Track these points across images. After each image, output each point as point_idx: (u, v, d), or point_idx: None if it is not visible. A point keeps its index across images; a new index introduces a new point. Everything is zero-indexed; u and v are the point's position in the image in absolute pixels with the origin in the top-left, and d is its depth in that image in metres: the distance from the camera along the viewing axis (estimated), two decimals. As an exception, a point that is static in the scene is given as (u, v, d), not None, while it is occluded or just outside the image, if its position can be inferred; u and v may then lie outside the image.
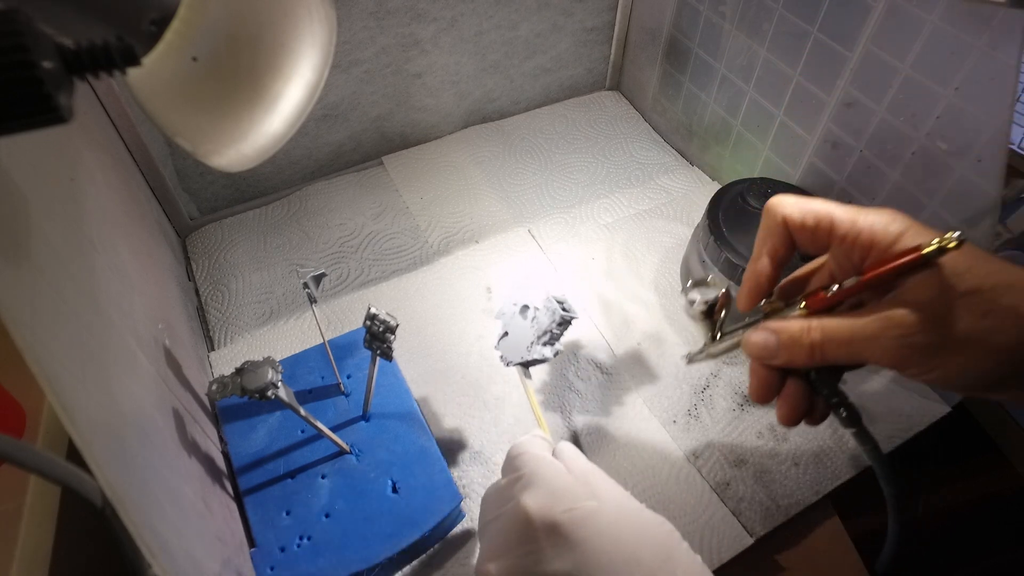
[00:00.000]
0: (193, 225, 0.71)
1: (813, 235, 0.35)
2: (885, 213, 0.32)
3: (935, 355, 0.29)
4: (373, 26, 0.68)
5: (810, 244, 0.35)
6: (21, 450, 0.22)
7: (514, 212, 0.73)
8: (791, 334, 0.33)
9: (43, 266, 0.27)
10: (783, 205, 0.35)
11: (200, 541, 0.34)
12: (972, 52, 0.45)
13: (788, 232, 0.35)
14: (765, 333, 0.34)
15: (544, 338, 0.46)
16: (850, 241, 0.33)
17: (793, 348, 0.33)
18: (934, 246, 0.29)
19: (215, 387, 0.41)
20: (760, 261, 0.36)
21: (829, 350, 0.32)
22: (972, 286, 0.29)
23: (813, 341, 0.32)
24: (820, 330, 0.32)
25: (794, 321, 0.33)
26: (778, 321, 0.34)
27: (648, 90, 0.85)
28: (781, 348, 0.33)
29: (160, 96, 0.28)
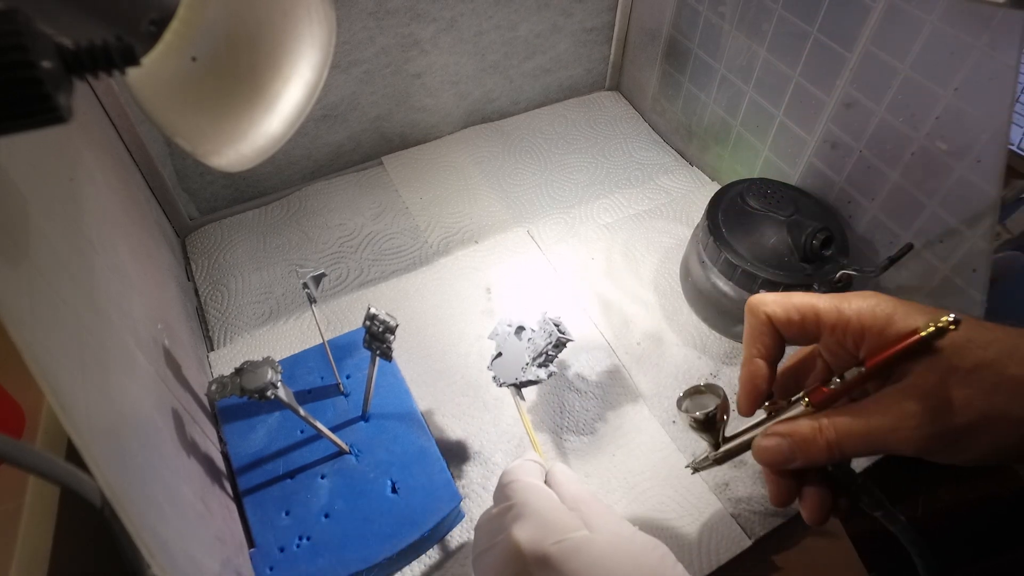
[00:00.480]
0: (192, 225, 0.71)
1: (800, 329, 0.34)
2: (867, 296, 0.33)
3: (959, 439, 0.29)
4: (373, 26, 0.68)
5: (798, 338, 0.35)
6: (20, 450, 0.22)
7: (514, 212, 0.73)
8: (804, 436, 0.32)
9: (42, 266, 0.27)
10: (765, 304, 0.35)
11: (199, 541, 0.34)
12: (972, 52, 0.45)
13: (775, 329, 0.35)
14: (776, 439, 0.33)
15: (539, 359, 0.46)
16: (840, 330, 0.33)
17: (809, 450, 0.32)
18: (932, 328, 0.29)
19: (214, 387, 0.41)
20: (753, 363, 0.36)
21: (847, 446, 0.31)
22: (975, 362, 0.29)
23: (829, 440, 0.32)
24: (833, 428, 0.32)
25: (803, 422, 0.33)
26: (786, 424, 0.33)
27: (648, 90, 0.85)
28: (796, 451, 0.33)
29: (159, 96, 0.28)
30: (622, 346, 0.60)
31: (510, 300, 0.64)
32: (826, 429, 0.32)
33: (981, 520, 0.77)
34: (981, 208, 0.48)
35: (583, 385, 0.57)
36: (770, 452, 0.34)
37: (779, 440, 0.33)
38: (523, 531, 0.33)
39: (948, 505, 0.76)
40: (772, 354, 0.36)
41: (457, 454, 0.52)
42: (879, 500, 0.34)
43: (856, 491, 0.34)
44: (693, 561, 0.47)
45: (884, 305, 0.32)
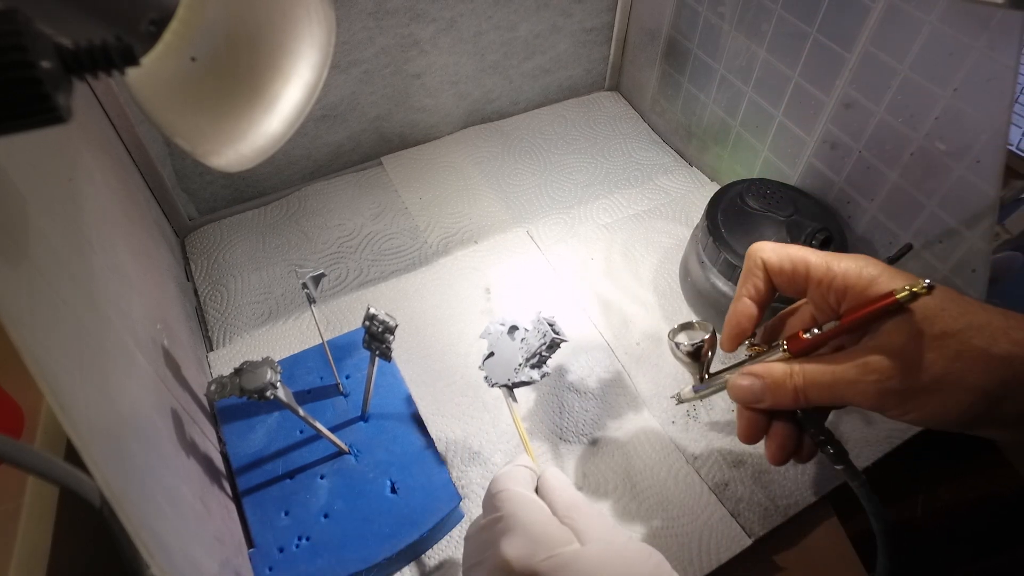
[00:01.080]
0: (192, 225, 0.71)
1: (791, 279, 0.36)
2: (858, 259, 0.34)
3: (912, 398, 0.30)
4: (372, 26, 0.68)
5: (788, 287, 0.37)
6: (19, 450, 0.22)
7: (513, 212, 0.73)
8: (775, 379, 0.35)
9: (41, 266, 0.27)
10: (762, 250, 0.37)
11: (198, 541, 0.34)
12: (971, 53, 0.45)
13: (767, 275, 0.37)
14: (750, 378, 0.36)
15: (532, 360, 0.46)
16: (825, 285, 0.34)
17: (778, 392, 0.34)
18: (906, 292, 0.30)
19: (214, 387, 0.41)
20: (741, 302, 0.38)
21: (812, 394, 0.33)
22: (943, 329, 0.30)
23: (796, 385, 0.34)
24: (802, 375, 0.34)
25: (777, 366, 0.35)
26: (761, 366, 0.36)
27: (647, 91, 0.85)
28: (766, 392, 0.35)
29: (159, 96, 0.28)
30: (621, 346, 0.60)
31: (509, 300, 0.64)
32: (796, 375, 0.34)
33: (981, 520, 0.77)
34: (980, 208, 0.48)
35: (582, 385, 0.57)
36: (742, 390, 0.36)
37: (752, 380, 0.36)
38: (512, 547, 0.33)
39: (948, 505, 0.76)
40: (761, 297, 0.38)
41: (456, 454, 0.52)
42: (841, 453, 0.36)
43: (822, 441, 0.36)
44: (693, 560, 0.47)
45: (871, 268, 0.33)
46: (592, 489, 0.51)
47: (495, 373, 0.47)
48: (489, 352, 0.48)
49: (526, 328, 0.48)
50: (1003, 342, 0.29)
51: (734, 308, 0.38)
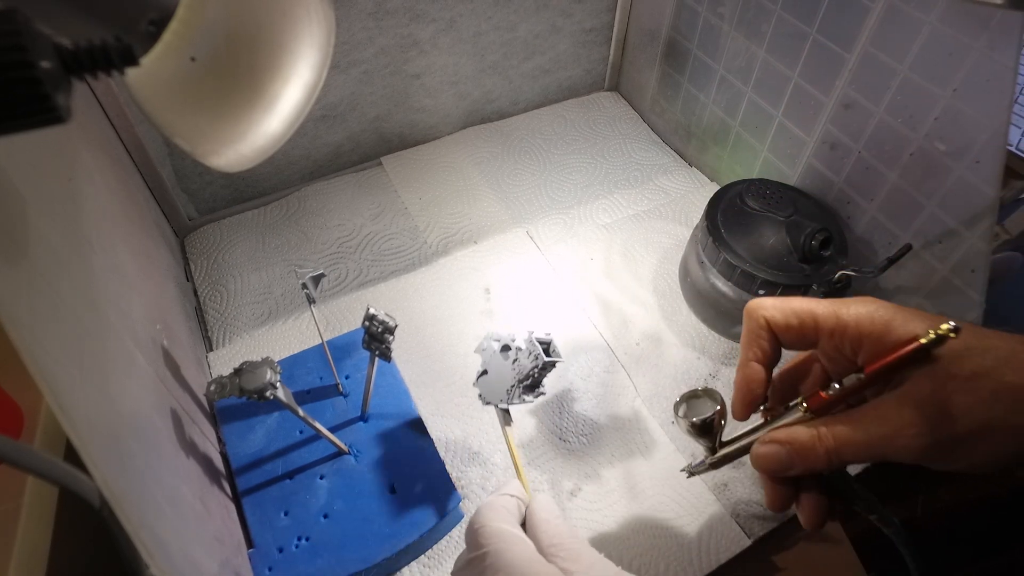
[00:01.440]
0: (191, 225, 0.71)
1: (799, 335, 0.34)
2: (866, 302, 0.32)
3: (958, 447, 0.29)
4: (372, 27, 0.68)
5: (796, 343, 0.35)
6: (19, 451, 0.22)
7: (513, 213, 0.73)
8: (802, 444, 0.32)
9: (41, 266, 0.27)
10: (763, 307, 0.35)
11: (198, 542, 0.34)
12: (970, 53, 0.45)
13: (772, 334, 0.35)
14: (775, 447, 0.33)
15: (526, 382, 0.44)
16: (839, 336, 0.33)
17: (808, 457, 0.32)
18: (932, 336, 0.29)
19: (213, 388, 0.41)
20: (749, 367, 0.36)
21: (846, 454, 0.31)
22: (973, 370, 0.28)
23: (828, 448, 0.31)
24: (832, 436, 0.31)
25: (801, 430, 0.32)
26: (784, 431, 0.33)
27: (647, 91, 0.85)
28: (794, 459, 0.33)
29: (158, 96, 0.28)
30: (621, 347, 0.60)
31: (509, 300, 0.64)
32: (825, 437, 0.31)
33: (981, 520, 0.77)
34: (980, 209, 0.48)
35: (582, 386, 0.57)
36: (768, 460, 0.33)
37: (777, 448, 0.33)
38: None
39: (948, 505, 0.76)
40: (768, 358, 0.36)
41: (456, 454, 0.52)
42: (873, 504, 0.34)
43: (851, 496, 0.34)
44: (692, 561, 0.47)
45: (882, 311, 0.32)
46: (591, 489, 0.51)
47: (489, 392, 0.45)
48: (483, 369, 0.46)
49: (519, 347, 0.45)
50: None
51: (742, 374, 0.36)
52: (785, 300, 0.35)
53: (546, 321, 0.62)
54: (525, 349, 0.45)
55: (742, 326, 0.37)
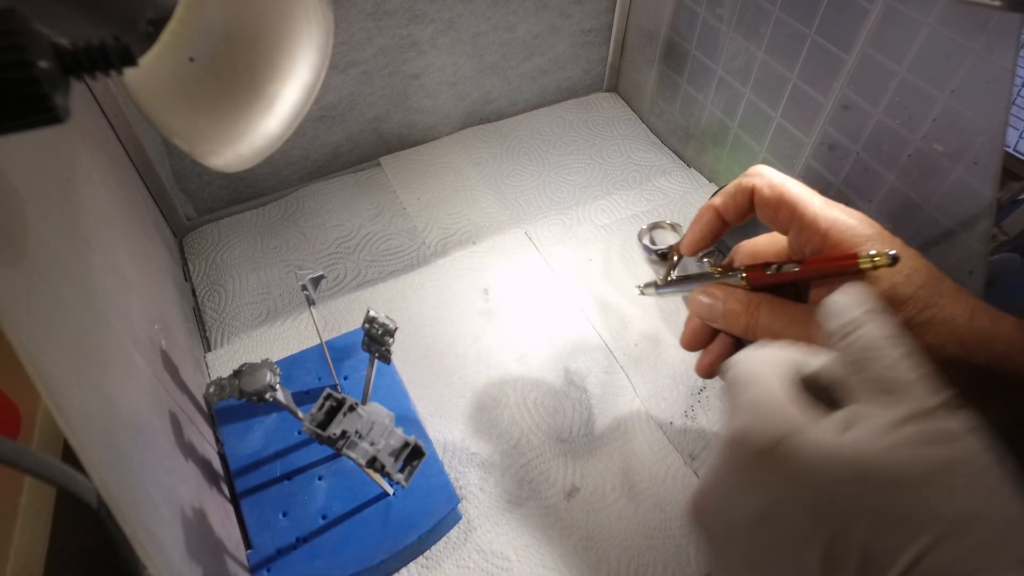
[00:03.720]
0: (190, 226, 0.71)
1: (773, 212, 0.35)
2: (854, 215, 0.33)
3: None
4: (371, 27, 0.68)
5: (768, 219, 0.36)
6: (16, 451, 0.22)
7: (511, 213, 0.73)
8: (733, 308, 0.35)
9: (39, 267, 0.27)
10: (760, 175, 0.36)
11: (196, 542, 0.34)
12: (968, 55, 0.45)
13: (751, 200, 0.36)
14: (711, 298, 0.37)
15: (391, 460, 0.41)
16: (808, 233, 0.33)
17: (730, 320, 0.36)
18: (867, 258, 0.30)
19: (213, 389, 0.41)
20: (709, 211, 0.38)
21: (761, 334, 0.34)
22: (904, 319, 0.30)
23: (748, 322, 0.34)
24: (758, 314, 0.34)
25: (738, 295, 0.36)
26: (725, 289, 0.37)
27: (646, 92, 0.85)
28: (721, 316, 0.36)
29: (157, 96, 0.28)
30: (619, 347, 0.60)
31: (508, 301, 0.64)
32: (752, 312, 0.34)
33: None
34: (977, 210, 0.48)
35: (581, 386, 0.57)
36: (701, 306, 0.38)
37: (713, 301, 0.37)
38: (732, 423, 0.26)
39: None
40: (731, 213, 0.38)
41: (455, 455, 0.52)
42: None
43: None
44: (691, 561, 0.47)
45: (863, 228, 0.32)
46: (590, 490, 0.51)
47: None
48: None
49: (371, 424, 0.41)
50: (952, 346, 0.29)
51: (700, 215, 0.38)
52: (784, 178, 0.36)
53: (545, 321, 0.62)
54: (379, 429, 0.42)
55: None
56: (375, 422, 0.41)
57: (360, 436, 0.41)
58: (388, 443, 0.41)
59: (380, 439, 0.41)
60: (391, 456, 0.41)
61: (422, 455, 0.42)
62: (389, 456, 0.41)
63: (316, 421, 0.40)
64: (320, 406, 0.41)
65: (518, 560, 0.47)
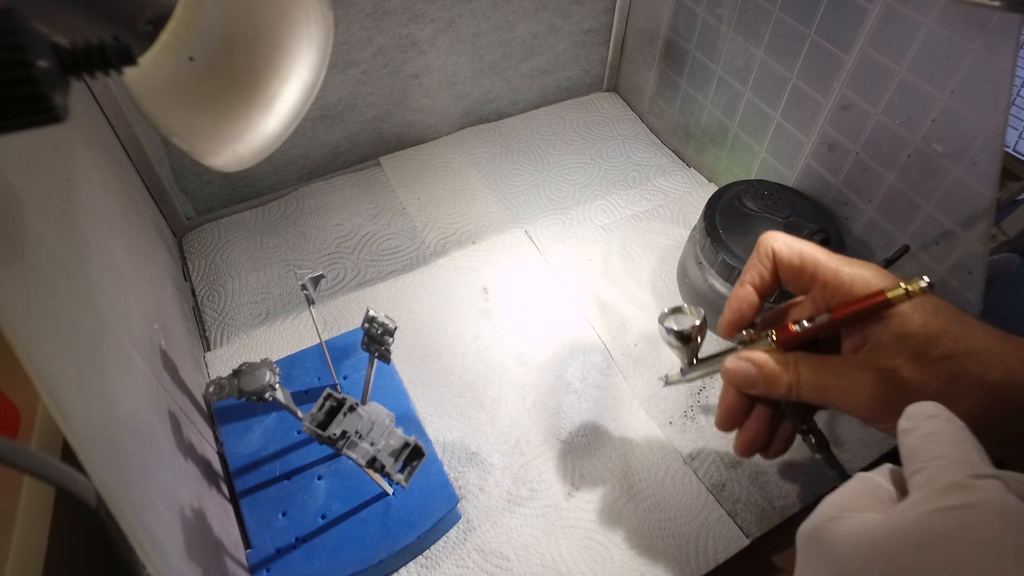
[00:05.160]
0: (189, 225, 0.70)
1: (797, 275, 0.36)
2: (869, 267, 0.34)
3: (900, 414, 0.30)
4: (371, 27, 0.68)
5: (793, 283, 0.37)
6: (15, 451, 0.22)
7: (511, 213, 0.73)
8: (771, 369, 0.35)
9: (38, 266, 0.27)
10: (775, 239, 0.37)
11: (195, 542, 0.34)
12: (968, 55, 0.45)
13: (775, 266, 0.37)
14: (747, 364, 0.36)
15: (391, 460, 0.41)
16: (831, 289, 0.34)
17: (772, 383, 0.35)
18: (901, 291, 0.31)
19: (212, 389, 0.41)
20: (744, 288, 0.38)
21: (805, 391, 0.34)
22: (943, 352, 0.30)
23: (791, 381, 0.34)
24: (798, 372, 0.34)
25: (775, 356, 0.35)
26: (760, 353, 0.36)
27: (645, 92, 0.85)
28: (761, 380, 0.35)
29: (156, 96, 0.28)
30: (619, 347, 0.60)
31: (507, 301, 0.64)
32: (793, 370, 0.34)
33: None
34: (977, 210, 0.48)
35: (580, 386, 0.57)
36: (737, 374, 0.36)
37: (748, 366, 0.36)
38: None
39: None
40: (765, 287, 0.38)
41: (454, 455, 0.52)
42: (823, 443, 0.36)
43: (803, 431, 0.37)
44: (690, 561, 0.47)
45: (879, 279, 0.33)
46: (589, 490, 0.51)
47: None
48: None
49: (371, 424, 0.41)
50: (997, 370, 0.29)
51: (736, 293, 0.38)
52: (797, 240, 0.37)
53: (544, 321, 0.62)
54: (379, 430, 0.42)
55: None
56: (375, 422, 0.41)
57: (360, 436, 0.41)
58: (388, 443, 0.41)
59: (380, 439, 0.41)
60: (391, 456, 0.41)
61: (422, 455, 0.42)
62: (389, 456, 0.41)
63: (316, 421, 0.40)
64: (320, 406, 0.41)
65: (517, 560, 0.47)
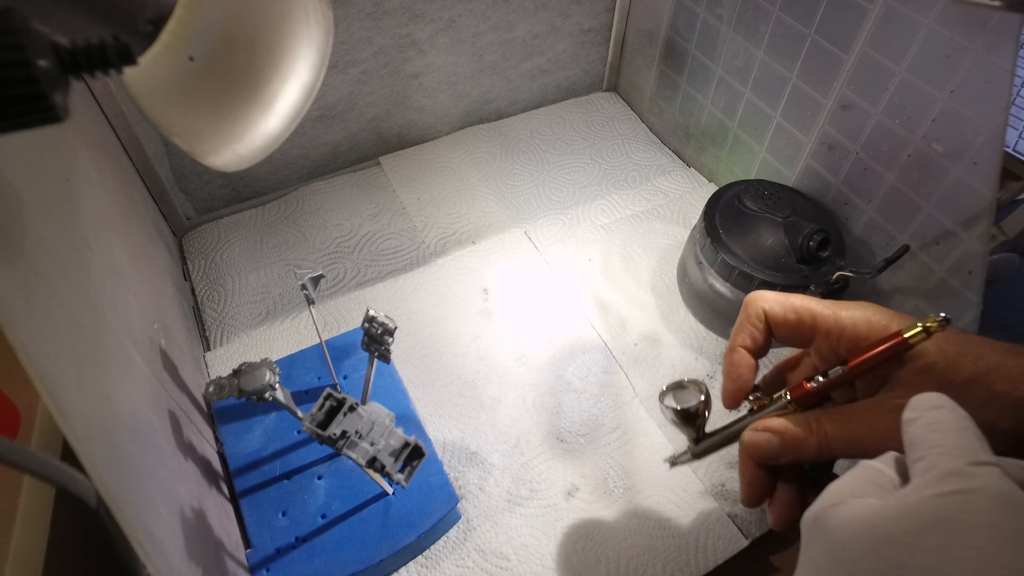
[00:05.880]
0: (189, 225, 0.70)
1: (795, 330, 0.35)
2: (865, 307, 0.33)
3: None
4: (371, 26, 0.68)
5: (791, 338, 0.36)
6: (15, 450, 0.22)
7: (511, 213, 0.73)
8: (795, 434, 0.33)
9: (38, 266, 0.27)
10: (763, 299, 0.36)
11: (195, 542, 0.34)
12: (968, 55, 0.45)
13: (767, 325, 0.36)
14: (767, 434, 0.34)
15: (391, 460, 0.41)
16: (835, 337, 0.33)
17: (798, 447, 0.32)
18: (919, 330, 0.29)
19: (212, 389, 0.41)
20: (739, 353, 0.36)
21: (836, 448, 0.32)
22: (967, 376, 0.29)
23: (820, 441, 0.32)
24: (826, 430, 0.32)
25: (795, 419, 0.33)
26: (777, 420, 0.34)
27: (645, 91, 0.85)
28: (785, 448, 0.33)
29: (156, 95, 0.28)
30: (619, 347, 0.60)
31: (507, 301, 0.64)
32: (818, 430, 0.32)
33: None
34: (977, 210, 0.48)
35: (580, 386, 0.57)
36: (760, 447, 0.34)
37: (770, 436, 0.33)
38: None
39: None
40: (758, 348, 0.36)
41: (454, 455, 0.52)
42: None
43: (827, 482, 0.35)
44: (690, 561, 0.47)
45: (879, 316, 0.32)
46: (589, 490, 0.51)
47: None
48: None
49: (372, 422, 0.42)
50: (1023, 384, 0.29)
51: (730, 360, 0.36)
52: (786, 296, 0.35)
53: (544, 321, 0.62)
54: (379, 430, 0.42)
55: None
56: (375, 422, 0.41)
57: (360, 436, 0.41)
58: (388, 443, 0.41)
59: (380, 439, 0.41)
60: (391, 456, 0.41)
61: (422, 455, 0.42)
62: (389, 456, 0.41)
63: (316, 421, 0.40)
64: (320, 406, 0.41)
65: (517, 560, 0.47)
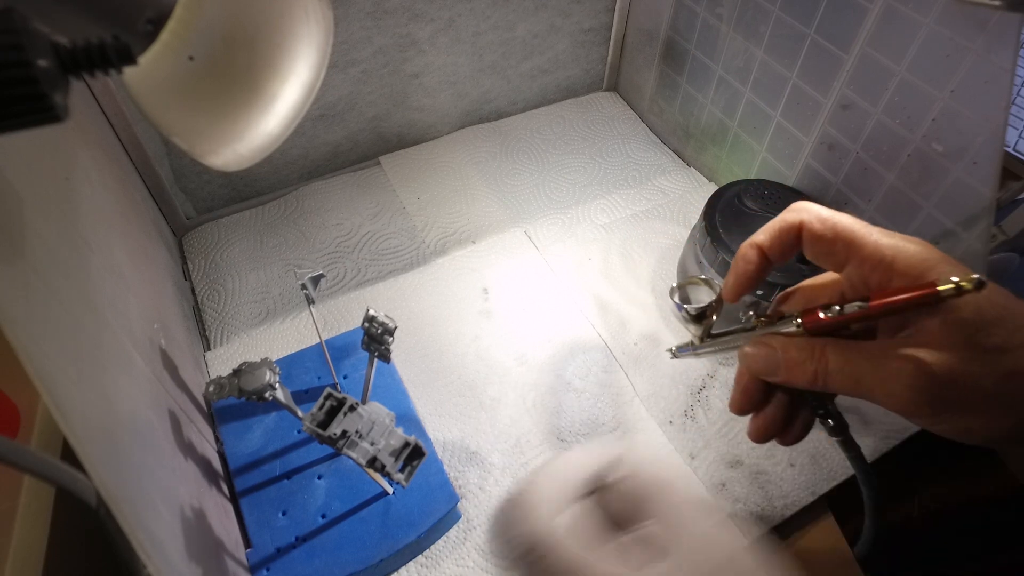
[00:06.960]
0: (189, 225, 0.70)
1: (829, 248, 0.32)
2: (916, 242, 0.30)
3: (947, 409, 0.27)
4: (370, 26, 0.68)
5: (823, 258, 0.33)
6: (15, 450, 0.22)
7: (511, 213, 0.73)
8: (794, 356, 0.31)
9: (38, 266, 0.27)
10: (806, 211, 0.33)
11: (195, 542, 0.34)
12: (968, 55, 0.45)
13: (798, 236, 0.33)
14: (767, 348, 0.32)
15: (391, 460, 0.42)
16: (870, 265, 0.30)
17: (795, 370, 0.31)
18: (951, 285, 0.27)
19: (212, 388, 0.41)
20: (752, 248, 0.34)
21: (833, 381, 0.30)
22: (998, 344, 0.27)
23: (817, 370, 0.30)
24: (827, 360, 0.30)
25: (799, 342, 0.31)
26: (781, 339, 0.32)
27: (645, 91, 0.85)
28: (782, 367, 0.31)
29: (156, 95, 0.28)
30: (619, 347, 0.60)
31: (507, 301, 0.64)
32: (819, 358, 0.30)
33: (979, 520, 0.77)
34: (977, 210, 0.48)
35: (580, 386, 0.57)
36: (757, 359, 0.32)
37: (769, 351, 0.32)
38: None
39: (946, 505, 0.76)
40: (776, 251, 0.34)
41: (454, 455, 0.52)
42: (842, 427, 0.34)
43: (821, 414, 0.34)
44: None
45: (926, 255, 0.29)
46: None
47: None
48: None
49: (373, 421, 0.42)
50: None
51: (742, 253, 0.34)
52: (832, 212, 0.32)
53: (544, 321, 0.62)
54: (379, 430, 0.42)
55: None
56: (375, 422, 0.41)
57: (360, 436, 0.41)
58: (388, 443, 0.41)
59: (380, 439, 0.41)
60: (391, 456, 0.41)
61: (422, 455, 0.42)
62: (389, 456, 0.41)
63: (317, 420, 0.40)
64: (320, 405, 0.41)
65: (517, 559, 0.47)
